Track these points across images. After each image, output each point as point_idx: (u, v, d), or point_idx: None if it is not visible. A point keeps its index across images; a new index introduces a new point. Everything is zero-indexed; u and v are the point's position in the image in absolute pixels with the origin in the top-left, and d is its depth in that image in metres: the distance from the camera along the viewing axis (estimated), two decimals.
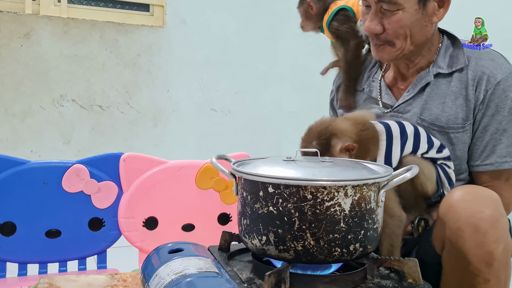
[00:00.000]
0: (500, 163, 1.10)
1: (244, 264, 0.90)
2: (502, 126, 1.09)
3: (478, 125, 1.11)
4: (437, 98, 1.13)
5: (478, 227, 0.88)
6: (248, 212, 0.81)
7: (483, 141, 1.11)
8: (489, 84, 1.09)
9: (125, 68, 2.44)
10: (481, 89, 1.09)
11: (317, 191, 0.75)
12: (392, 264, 0.84)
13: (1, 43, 2.22)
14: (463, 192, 0.94)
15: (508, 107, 1.09)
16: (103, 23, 2.39)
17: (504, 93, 1.08)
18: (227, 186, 1.34)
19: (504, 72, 1.09)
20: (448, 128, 1.11)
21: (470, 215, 0.89)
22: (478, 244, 0.88)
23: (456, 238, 0.90)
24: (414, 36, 1.09)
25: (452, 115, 1.11)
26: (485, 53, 1.11)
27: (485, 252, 0.88)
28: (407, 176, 0.81)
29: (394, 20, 1.07)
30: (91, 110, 2.39)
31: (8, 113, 2.25)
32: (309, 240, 0.76)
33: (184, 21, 2.55)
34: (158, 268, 0.82)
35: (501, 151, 1.10)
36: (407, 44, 1.10)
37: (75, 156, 2.38)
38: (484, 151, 1.11)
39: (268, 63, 2.73)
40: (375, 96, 1.22)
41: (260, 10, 2.70)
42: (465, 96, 1.10)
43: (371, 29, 1.10)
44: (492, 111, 1.09)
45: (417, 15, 1.07)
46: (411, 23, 1.07)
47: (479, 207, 0.89)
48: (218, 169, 0.89)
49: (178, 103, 2.57)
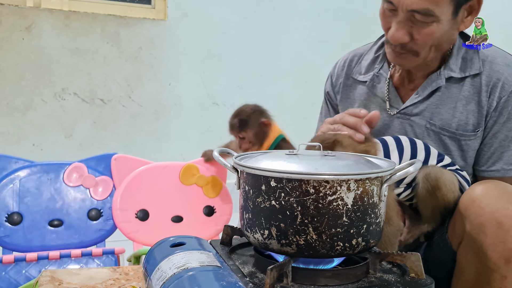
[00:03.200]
0: (507, 170, 1.09)
1: (246, 258, 0.90)
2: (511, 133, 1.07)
3: (488, 132, 1.08)
4: (448, 103, 1.08)
5: (502, 224, 0.86)
6: (250, 206, 0.81)
7: (491, 147, 1.09)
8: (503, 91, 1.05)
9: (126, 62, 2.44)
10: (495, 95, 1.05)
11: (320, 185, 0.75)
12: (395, 259, 0.83)
13: (3, 36, 2.21)
14: (487, 187, 0.92)
15: None
16: (104, 16, 2.38)
17: None
18: (208, 182, 1.52)
19: None
20: (460, 135, 1.08)
21: (494, 211, 0.87)
22: (500, 241, 0.87)
23: (477, 233, 0.89)
24: (441, 46, 1.05)
25: (462, 120, 1.07)
26: (500, 57, 1.07)
27: (506, 248, 0.86)
28: (410, 170, 0.80)
29: (426, 32, 1.00)
30: (92, 103, 2.39)
31: (9, 106, 2.25)
32: (312, 234, 0.76)
33: (186, 14, 2.54)
34: (160, 262, 0.82)
35: (509, 158, 1.08)
36: (431, 53, 1.05)
37: (77, 150, 2.39)
38: (491, 157, 1.09)
39: (270, 57, 2.72)
40: (381, 95, 1.16)
41: (262, 3, 2.68)
42: (478, 101, 1.07)
43: (398, 38, 1.02)
44: (504, 118, 1.06)
45: (450, 25, 1.02)
46: (443, 34, 1.02)
47: (504, 203, 0.88)
48: (220, 163, 0.89)
49: (180, 97, 2.56)
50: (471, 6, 1.03)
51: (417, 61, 1.06)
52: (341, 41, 2.52)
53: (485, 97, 1.06)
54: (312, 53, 2.77)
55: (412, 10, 0.98)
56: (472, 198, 0.92)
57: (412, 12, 0.99)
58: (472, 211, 0.91)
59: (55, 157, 2.33)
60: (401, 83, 1.16)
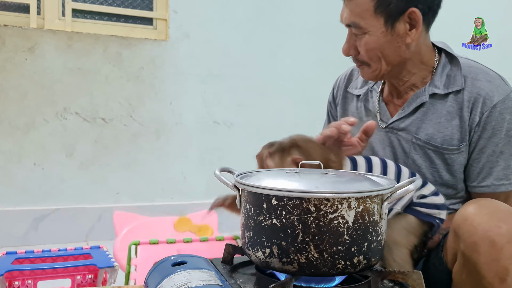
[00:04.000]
0: (497, 186, 1.09)
1: (248, 276, 0.90)
2: (498, 148, 1.08)
3: (474, 147, 1.09)
4: (433, 118, 1.11)
5: (495, 242, 0.86)
6: (251, 224, 0.81)
7: (480, 162, 1.09)
8: (485, 107, 1.06)
9: (128, 81, 2.46)
10: (476, 111, 1.07)
11: (321, 203, 0.75)
12: (396, 277, 0.83)
13: (6, 56, 2.24)
14: (479, 206, 0.92)
15: (505, 130, 1.07)
16: (106, 37, 2.41)
17: (501, 115, 1.06)
18: (200, 229, 1.59)
19: (501, 94, 1.07)
20: (443, 149, 1.10)
21: (487, 230, 0.88)
22: (493, 259, 0.87)
23: (471, 252, 0.89)
24: (387, 58, 1.08)
25: (448, 135, 1.09)
26: (482, 74, 1.09)
27: (500, 267, 0.86)
28: (410, 188, 0.81)
29: (362, 44, 1.08)
30: (94, 122, 2.40)
31: (11, 126, 2.27)
32: (313, 253, 0.76)
33: (187, 35, 2.57)
34: (162, 281, 0.82)
35: (498, 173, 1.08)
36: (382, 65, 1.09)
37: (78, 169, 2.40)
38: (481, 173, 1.09)
39: (270, 76, 2.75)
40: (372, 109, 1.21)
41: (262, 23, 2.72)
42: (460, 117, 1.09)
43: (344, 51, 1.12)
44: (489, 133, 1.07)
45: (386, 37, 1.06)
46: (380, 46, 1.07)
47: (496, 221, 0.88)
48: (221, 182, 0.89)
49: (181, 116, 2.58)
50: (412, 20, 1.05)
51: (372, 72, 1.11)
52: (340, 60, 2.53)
53: (466, 113, 1.08)
54: (311, 72, 2.79)
55: (347, 25, 1.09)
56: (464, 217, 0.92)
57: (349, 27, 1.09)
58: (465, 230, 0.91)
59: (56, 176, 2.34)
60: (390, 99, 1.19)
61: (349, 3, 1.08)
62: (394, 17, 1.04)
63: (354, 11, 1.06)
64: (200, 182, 2.61)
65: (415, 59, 1.11)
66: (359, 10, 1.06)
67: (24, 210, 2.28)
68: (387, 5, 1.04)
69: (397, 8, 1.04)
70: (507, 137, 1.07)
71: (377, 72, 1.11)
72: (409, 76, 1.13)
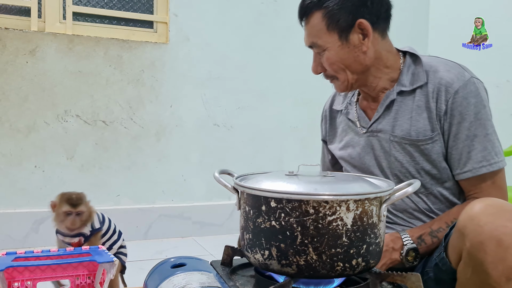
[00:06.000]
0: (478, 169, 1.11)
1: (247, 278, 0.90)
2: (471, 132, 1.11)
3: (448, 135, 1.13)
4: (405, 114, 1.17)
5: (502, 242, 0.87)
6: (250, 226, 0.82)
7: (457, 149, 1.12)
8: (448, 94, 1.11)
9: (128, 84, 2.47)
10: (441, 100, 1.12)
11: (319, 206, 0.76)
12: (395, 279, 0.83)
13: (7, 59, 2.25)
14: (485, 205, 0.93)
15: (473, 113, 1.10)
16: (107, 40, 2.42)
17: (466, 100, 1.10)
18: None
19: (460, 80, 1.11)
20: (418, 141, 1.14)
21: (493, 229, 0.88)
22: (500, 259, 0.87)
23: (477, 251, 0.89)
24: (350, 67, 1.16)
25: (420, 127, 1.14)
26: (441, 65, 1.15)
27: (506, 266, 0.87)
28: (408, 191, 0.81)
29: (325, 59, 1.17)
30: (94, 125, 2.41)
31: (12, 128, 2.27)
32: (312, 255, 0.76)
33: (187, 38, 2.58)
34: (161, 283, 0.82)
35: (476, 156, 1.11)
36: (348, 75, 1.17)
37: (78, 171, 2.40)
38: (461, 159, 1.12)
39: (270, 79, 2.76)
40: (353, 119, 1.28)
41: (262, 27, 2.73)
42: (428, 108, 1.14)
43: (313, 70, 1.22)
44: (458, 119, 1.11)
45: (344, 50, 1.14)
46: (340, 58, 1.15)
47: (503, 221, 0.89)
48: (220, 184, 0.90)
49: (181, 118, 2.58)
50: (363, 30, 1.13)
51: (342, 84, 1.19)
52: None
53: (433, 103, 1.13)
54: (311, 75, 2.80)
55: (309, 46, 1.20)
56: (470, 217, 0.93)
57: (311, 48, 1.19)
58: (471, 229, 0.91)
59: (57, 179, 2.34)
60: (367, 105, 1.26)
61: (306, 27, 1.18)
62: (346, 31, 1.13)
63: (311, 33, 1.17)
64: (200, 184, 2.62)
65: (378, 64, 1.18)
66: (314, 31, 1.16)
67: (25, 213, 2.28)
68: (336, 22, 1.12)
69: (346, 23, 1.12)
70: (476, 119, 1.11)
71: (346, 83, 1.19)
72: (376, 81, 1.20)
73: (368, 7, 1.12)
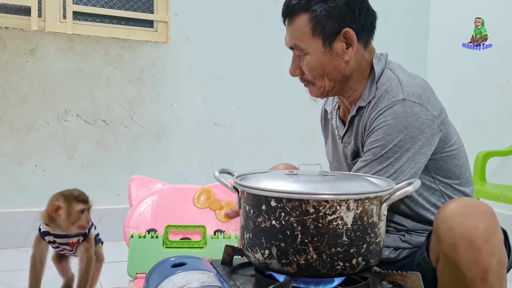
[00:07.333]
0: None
1: (247, 278, 0.90)
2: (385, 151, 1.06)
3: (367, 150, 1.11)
4: (358, 131, 1.16)
5: (473, 243, 0.88)
6: (250, 225, 0.82)
7: (369, 162, 1.09)
8: (373, 112, 1.09)
9: (129, 83, 2.47)
10: (370, 117, 1.10)
11: (320, 205, 0.76)
12: (395, 278, 0.84)
13: (7, 59, 2.25)
14: (458, 206, 0.94)
15: (382, 133, 1.06)
16: (107, 39, 2.42)
17: (384, 118, 1.07)
18: (221, 207, 1.52)
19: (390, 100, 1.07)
20: None
21: (465, 231, 0.89)
22: (472, 260, 0.88)
23: (451, 253, 0.91)
24: (329, 75, 1.14)
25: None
26: (387, 83, 1.10)
27: (479, 267, 0.88)
28: (409, 190, 0.81)
29: (304, 64, 1.14)
30: (95, 124, 2.41)
31: (12, 128, 2.27)
32: (312, 254, 0.77)
33: (187, 37, 2.58)
34: (161, 282, 0.82)
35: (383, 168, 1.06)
36: (325, 83, 1.15)
37: (79, 170, 2.40)
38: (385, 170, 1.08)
39: (270, 78, 2.76)
40: (334, 125, 1.29)
41: (262, 26, 2.73)
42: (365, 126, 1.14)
43: (290, 72, 1.19)
44: (370, 135, 1.10)
45: (326, 57, 1.12)
46: (321, 65, 1.12)
47: (474, 222, 0.90)
48: (221, 183, 0.90)
49: (181, 118, 2.58)
50: (348, 39, 1.11)
51: (317, 90, 1.17)
52: None
53: (367, 119, 1.12)
54: None
55: (290, 47, 1.16)
56: (443, 218, 0.94)
57: (292, 49, 1.16)
58: (444, 231, 0.93)
59: (57, 178, 2.34)
60: (343, 115, 1.26)
61: (289, 27, 1.16)
62: (330, 38, 1.10)
63: (294, 34, 1.14)
64: (201, 184, 2.61)
65: (355, 75, 1.16)
66: (298, 34, 1.13)
67: (25, 212, 2.28)
68: (322, 27, 1.10)
69: (332, 30, 1.10)
70: (382, 140, 1.06)
71: (322, 90, 1.17)
72: (351, 91, 1.18)
73: (356, 17, 1.10)
